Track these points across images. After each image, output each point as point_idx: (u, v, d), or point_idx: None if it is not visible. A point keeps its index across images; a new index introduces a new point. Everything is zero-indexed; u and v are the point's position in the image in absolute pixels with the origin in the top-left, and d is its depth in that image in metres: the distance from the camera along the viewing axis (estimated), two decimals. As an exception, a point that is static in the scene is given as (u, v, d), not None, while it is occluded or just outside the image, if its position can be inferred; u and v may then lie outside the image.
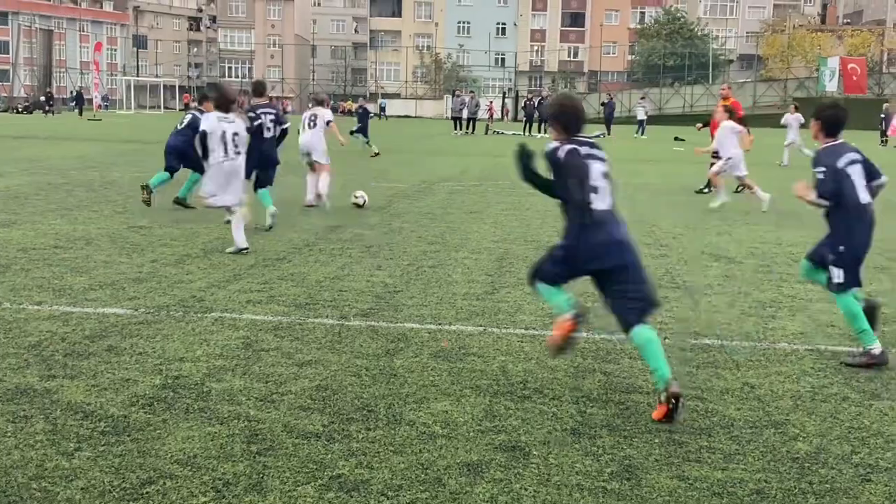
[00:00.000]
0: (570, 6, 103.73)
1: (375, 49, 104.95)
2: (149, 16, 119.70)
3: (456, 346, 5.65)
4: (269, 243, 9.42)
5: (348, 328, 6.04)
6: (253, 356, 5.32)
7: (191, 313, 6.31)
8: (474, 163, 22.76)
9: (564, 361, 5.39)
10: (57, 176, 16.18)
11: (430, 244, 9.69)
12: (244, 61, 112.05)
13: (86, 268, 7.81)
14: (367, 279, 7.71)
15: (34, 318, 6.02)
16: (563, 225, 4.78)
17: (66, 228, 10.03)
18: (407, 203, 13.55)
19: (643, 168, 22.77)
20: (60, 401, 4.43)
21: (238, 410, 4.38)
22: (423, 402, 4.60)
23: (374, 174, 18.50)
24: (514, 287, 7.52)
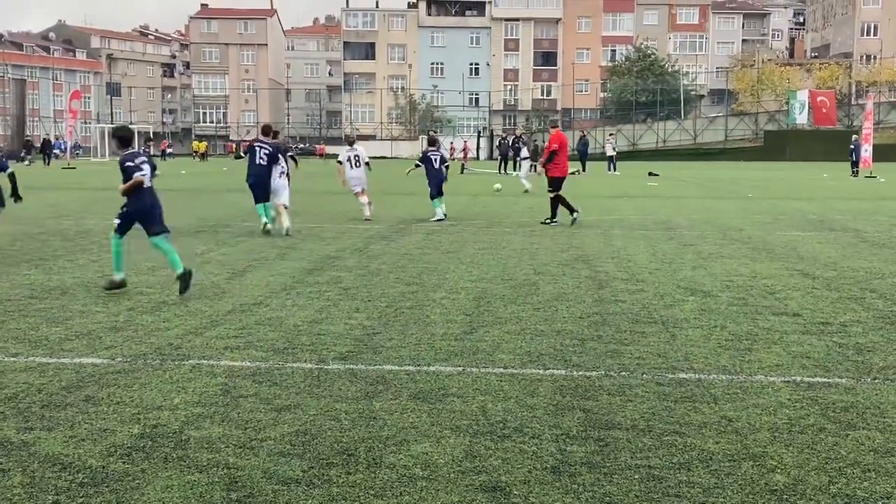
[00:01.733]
0: (542, 46, 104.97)
1: (350, 91, 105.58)
2: (122, 63, 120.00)
3: (435, 387, 5.66)
4: (246, 288, 9.41)
5: (327, 372, 6.04)
6: (231, 403, 5.31)
7: (168, 361, 6.28)
8: (450, 202, 22.83)
9: (544, 399, 5.41)
10: (32, 226, 16.11)
11: (408, 285, 9.71)
12: (219, 106, 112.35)
13: (62, 318, 7.77)
14: (346, 322, 7.71)
15: (10, 370, 5.98)
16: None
17: (41, 279, 9.98)
18: (384, 244, 13.59)
19: (618, 204, 22.97)
20: (38, 453, 4.39)
21: (217, 458, 4.36)
22: (403, 444, 4.60)
23: (352, 215, 18.54)
24: (493, 326, 7.55)
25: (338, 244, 13.53)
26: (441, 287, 9.59)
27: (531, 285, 9.72)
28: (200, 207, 20.91)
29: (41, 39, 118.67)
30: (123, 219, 9.37)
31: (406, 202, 23.02)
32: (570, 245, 13.55)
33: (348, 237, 14.54)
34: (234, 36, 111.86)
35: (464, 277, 10.29)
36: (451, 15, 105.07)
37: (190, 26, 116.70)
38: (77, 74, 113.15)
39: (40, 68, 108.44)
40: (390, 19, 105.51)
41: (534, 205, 22.32)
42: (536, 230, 15.81)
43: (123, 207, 9.33)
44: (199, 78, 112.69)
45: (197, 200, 23.48)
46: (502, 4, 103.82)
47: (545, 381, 5.83)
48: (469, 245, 13.51)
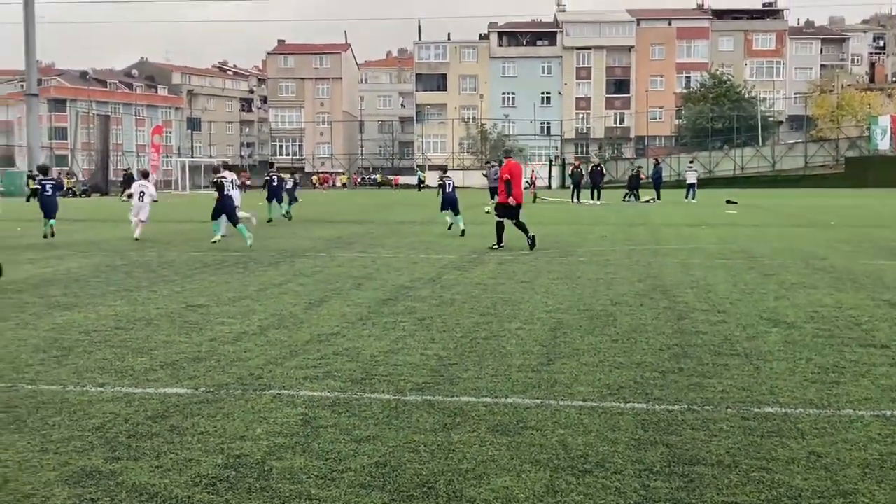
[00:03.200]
0: (615, 73, 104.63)
1: (422, 122, 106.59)
2: (202, 98, 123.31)
3: (513, 420, 5.63)
4: (323, 318, 9.51)
5: (404, 403, 6.05)
6: (312, 433, 5.35)
7: (249, 391, 6.37)
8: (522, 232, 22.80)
9: (625, 433, 5.33)
10: (116, 257, 16.57)
11: (483, 315, 9.70)
12: (294, 139, 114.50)
13: (146, 348, 7.95)
14: (422, 352, 7.73)
15: (97, 400, 6.13)
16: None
17: (126, 309, 10.24)
18: (457, 274, 13.61)
19: (696, 232, 22.64)
20: (125, 482, 4.48)
21: (299, 489, 4.39)
22: (482, 477, 4.57)
23: (423, 246, 18.65)
24: (570, 358, 7.48)
25: (411, 274, 13.60)
26: (516, 317, 9.55)
27: (608, 316, 9.62)
28: (277, 238, 21.27)
29: (124, 76, 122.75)
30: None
31: (476, 232, 23.03)
32: (647, 275, 13.39)
33: (421, 267, 14.61)
34: (310, 70, 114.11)
35: (539, 308, 10.23)
36: (522, 45, 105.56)
37: (267, 62, 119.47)
38: (159, 110, 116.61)
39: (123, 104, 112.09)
40: (462, 51, 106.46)
41: (608, 233, 22.15)
42: (611, 259, 15.66)
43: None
44: (276, 112, 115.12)
45: (274, 231, 23.88)
46: (574, 34, 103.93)
47: (626, 415, 5.74)
48: (543, 275, 13.45)
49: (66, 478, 4.56)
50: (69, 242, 20.23)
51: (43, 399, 6.15)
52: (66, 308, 10.34)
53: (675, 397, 6.19)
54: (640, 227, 25.15)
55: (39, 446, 5.09)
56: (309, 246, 18.98)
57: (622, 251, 17.41)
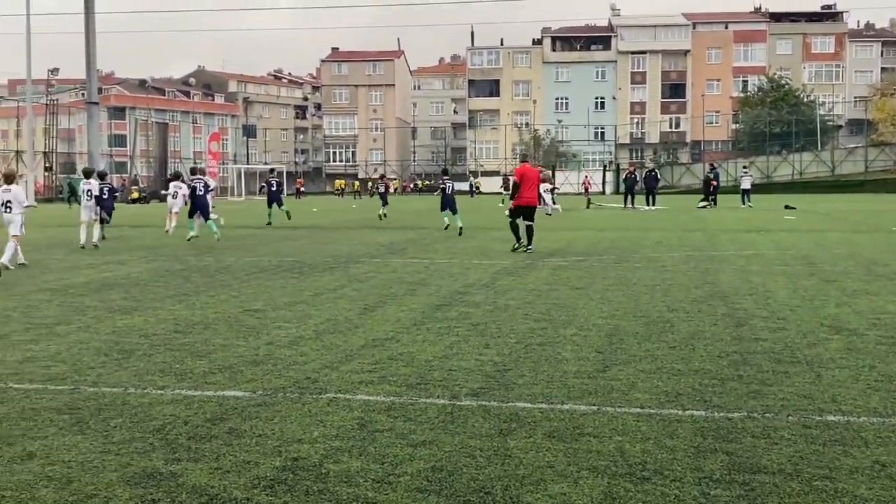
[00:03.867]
0: (670, 78, 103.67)
1: (474, 128, 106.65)
2: (258, 106, 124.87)
3: (570, 426, 5.58)
4: (378, 323, 9.55)
5: (460, 408, 6.04)
6: (368, 437, 5.37)
7: (306, 394, 6.42)
8: (577, 237, 22.72)
9: (684, 441, 5.26)
10: (174, 262, 16.84)
11: (537, 321, 9.65)
12: (348, 145, 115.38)
13: (205, 351, 8.06)
14: (476, 358, 7.71)
15: (158, 402, 6.22)
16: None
17: (184, 313, 10.39)
18: (511, 280, 13.57)
19: (754, 238, 22.30)
20: (185, 484, 4.54)
21: (356, 492, 4.41)
22: (539, 483, 4.54)
23: (477, 251, 18.64)
24: (626, 364, 7.40)
25: (465, 280, 13.59)
26: (571, 323, 9.49)
27: (665, 322, 9.51)
28: (332, 243, 21.43)
29: (182, 84, 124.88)
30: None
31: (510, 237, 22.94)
32: (704, 281, 13.21)
33: (475, 273, 14.60)
34: (363, 77, 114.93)
35: (594, 314, 10.15)
36: (576, 50, 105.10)
37: (321, 69, 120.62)
38: (215, 117, 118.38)
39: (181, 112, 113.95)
40: (515, 56, 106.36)
41: (663, 239, 21.92)
42: (668, 265, 15.49)
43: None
44: (330, 118, 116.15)
45: (329, 236, 24.07)
46: (628, 38, 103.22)
47: (685, 423, 5.67)
48: (598, 281, 13.35)
49: (128, 479, 4.63)
50: (129, 248, 20.61)
51: (105, 401, 6.27)
52: (126, 312, 10.53)
53: (735, 405, 6.09)
54: (697, 232, 24.85)
55: (101, 447, 5.18)
56: (363, 251, 19.09)
57: (679, 257, 17.21)
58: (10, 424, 5.66)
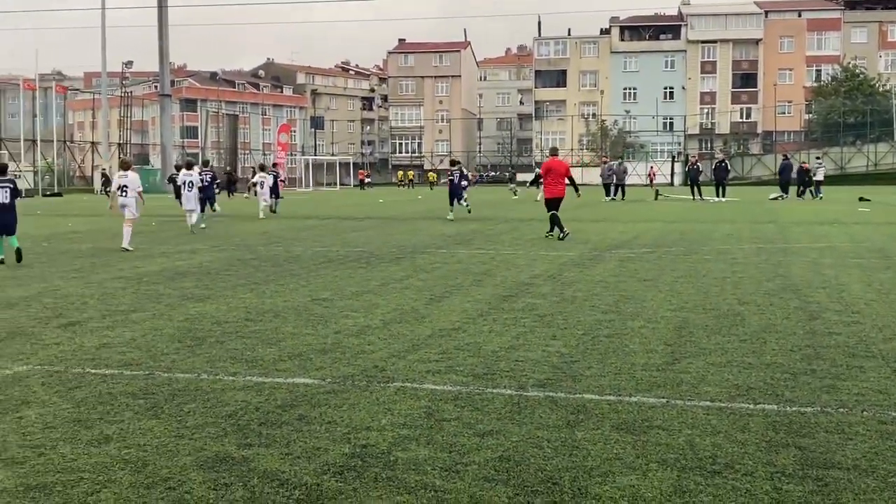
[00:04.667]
0: (741, 67, 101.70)
1: (541, 119, 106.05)
2: (325, 98, 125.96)
3: (638, 419, 5.54)
4: (444, 313, 9.58)
5: (527, 399, 6.03)
6: (435, 426, 5.40)
7: (374, 383, 6.48)
8: (645, 229, 22.47)
9: (755, 435, 5.18)
10: (245, 252, 17.12)
11: (605, 313, 9.58)
12: (414, 137, 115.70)
13: (275, 339, 8.19)
14: (543, 349, 7.69)
15: (230, 389, 6.34)
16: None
17: (255, 302, 10.56)
18: (578, 271, 13.49)
19: (827, 230, 21.79)
20: (257, 469, 4.62)
21: (424, 480, 4.44)
22: (608, 475, 4.52)
23: (543, 243, 18.57)
24: (696, 357, 7.31)
25: (531, 271, 13.55)
26: (639, 316, 9.40)
27: (735, 315, 9.36)
28: (398, 234, 21.55)
29: (251, 77, 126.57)
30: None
31: (597, 229, 22.79)
32: (775, 273, 12.96)
33: (541, 264, 14.55)
34: (430, 68, 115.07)
35: (663, 306, 10.04)
36: (645, 39, 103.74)
37: (388, 60, 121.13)
38: (284, 109, 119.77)
39: (251, 104, 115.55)
40: (582, 46, 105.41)
41: (733, 231, 21.55)
42: (738, 258, 15.23)
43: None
44: (396, 110, 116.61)
45: (395, 227, 24.21)
46: (698, 27, 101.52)
47: (756, 416, 5.58)
48: (667, 273, 13.19)
49: (201, 463, 4.73)
50: (201, 237, 21.01)
51: (178, 386, 6.41)
52: (198, 300, 10.74)
53: (808, 399, 5.97)
54: (768, 224, 24.37)
55: (175, 432, 5.30)
56: (429, 242, 19.16)
57: (750, 249, 16.91)
58: (87, 408, 5.83)
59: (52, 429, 5.36)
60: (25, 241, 19.77)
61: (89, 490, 4.32)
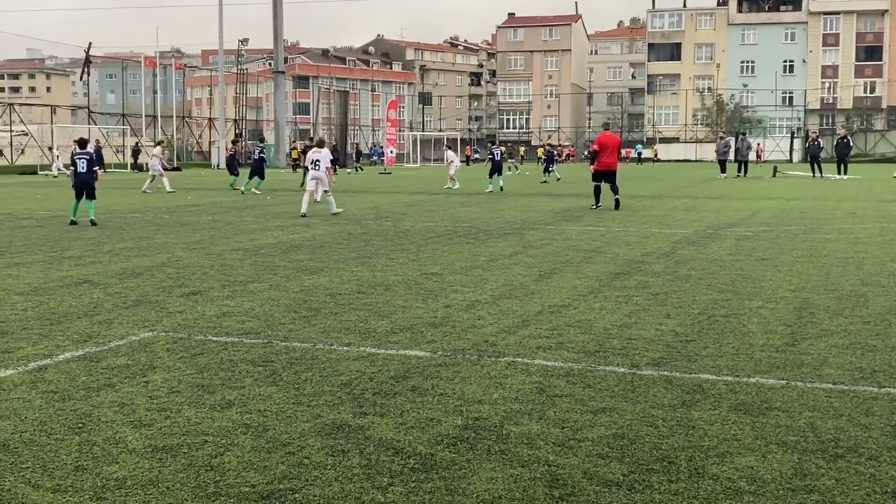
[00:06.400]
0: (866, 40, 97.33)
1: (653, 94, 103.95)
2: (433, 73, 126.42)
3: (757, 400, 5.40)
4: (554, 290, 9.53)
5: (640, 377, 5.96)
6: (547, 401, 5.39)
7: (485, 357, 6.51)
8: (763, 207, 21.83)
9: (880, 419, 4.99)
10: (356, 226, 17.39)
11: (721, 292, 9.36)
12: (522, 112, 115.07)
13: (386, 312, 8.30)
14: (656, 328, 7.58)
15: (344, 359, 6.47)
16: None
17: (366, 275, 10.73)
18: (692, 249, 13.21)
19: (956, 210, 20.73)
20: (372, 437, 4.71)
21: (537, 454, 4.44)
22: (725, 456, 4.43)
23: (654, 220, 18.25)
24: (818, 339, 7.08)
25: (643, 249, 13.35)
26: (757, 296, 9.15)
27: (859, 297, 9.01)
28: (505, 210, 21.52)
29: (362, 53, 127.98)
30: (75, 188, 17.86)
31: (713, 206, 22.24)
32: (901, 254, 12.42)
33: (654, 241, 14.31)
34: (539, 43, 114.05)
35: (782, 286, 9.74)
36: (764, 11, 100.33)
37: (497, 35, 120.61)
38: (392, 85, 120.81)
39: (360, 80, 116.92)
40: (698, 18, 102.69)
41: (856, 209, 20.72)
42: (861, 237, 14.65)
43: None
44: (505, 85, 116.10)
45: (501, 203, 24.18)
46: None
47: (880, 400, 5.37)
48: (786, 252, 12.79)
49: (319, 429, 4.84)
50: (312, 212, 21.44)
51: (295, 355, 6.57)
52: (312, 272, 10.98)
53: (938, 385, 5.72)
54: (893, 203, 23.35)
55: (294, 399, 5.44)
56: (537, 218, 19.07)
57: (873, 229, 16.25)
58: (210, 374, 6.04)
59: (176, 393, 5.58)
60: (148, 213, 20.57)
61: (213, 452, 4.48)
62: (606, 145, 21.39)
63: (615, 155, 21.61)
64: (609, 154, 21.38)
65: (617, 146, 21.81)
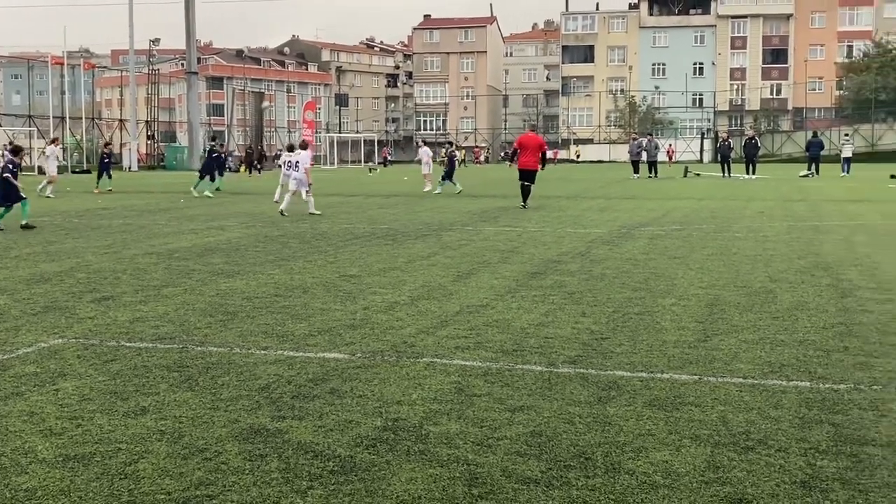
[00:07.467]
0: (772, 43, 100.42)
1: (568, 95, 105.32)
2: (350, 75, 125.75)
3: (671, 395, 5.53)
4: (472, 290, 9.59)
5: (557, 375, 6.04)
6: (466, 401, 5.42)
7: (404, 358, 6.51)
8: (675, 207, 22.33)
9: (789, 412, 5.16)
10: (272, 228, 17.20)
11: (635, 291, 9.55)
12: (439, 114, 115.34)
13: (304, 314, 8.23)
14: (573, 326, 7.69)
15: (262, 362, 6.40)
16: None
17: (284, 278, 10.62)
18: (607, 249, 13.44)
19: (858, 208, 21.56)
20: (291, 440, 4.67)
21: (457, 454, 4.46)
22: (641, 451, 4.52)
23: (570, 220, 18.51)
24: (728, 334, 7.28)
25: (559, 248, 13.52)
26: (670, 293, 9.36)
27: (767, 293, 9.30)
28: (423, 211, 21.55)
29: (277, 54, 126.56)
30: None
31: (627, 206, 22.67)
32: (807, 251, 12.86)
33: (569, 241, 14.51)
34: (455, 45, 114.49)
35: (694, 284, 9.99)
36: (674, 14, 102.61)
37: (413, 37, 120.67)
38: (309, 87, 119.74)
39: (276, 81, 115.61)
40: (610, 21, 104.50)
41: (766, 209, 21.37)
42: (769, 236, 15.11)
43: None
44: (421, 87, 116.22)
45: (420, 205, 24.21)
46: (728, 2, 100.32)
47: (789, 393, 5.55)
48: (697, 250, 13.11)
49: (236, 434, 4.78)
50: (228, 214, 21.13)
51: (212, 360, 6.47)
52: (228, 276, 10.82)
53: (841, 376, 5.94)
54: (799, 202, 24.16)
55: (210, 404, 5.36)
56: (455, 219, 19.15)
57: (781, 227, 16.78)
58: (123, 381, 5.90)
59: (88, 401, 5.44)
60: (57, 217, 19.98)
61: (127, 460, 4.38)
62: (525, 145, 22.07)
63: (533, 155, 22.03)
64: (527, 154, 21.95)
65: (536, 146, 22.18)
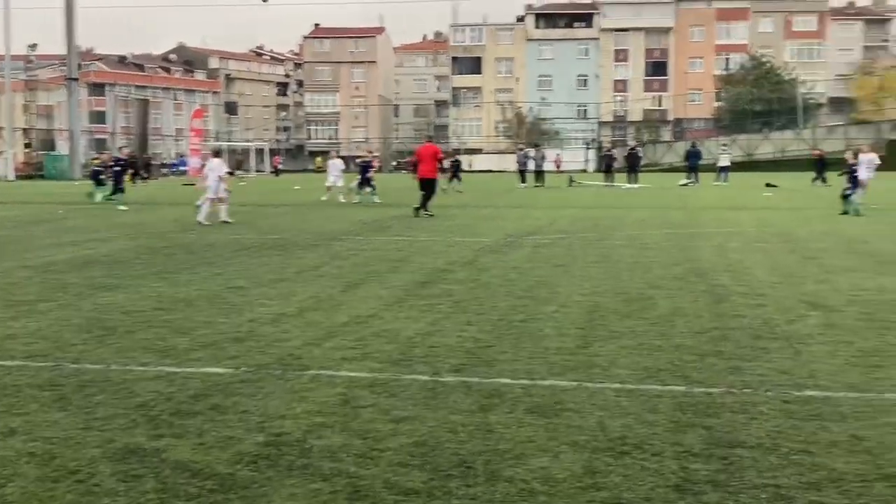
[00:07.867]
0: (653, 55, 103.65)
1: (458, 106, 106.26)
2: (239, 83, 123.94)
3: (551, 402, 5.63)
4: (360, 300, 9.56)
5: (442, 384, 6.08)
6: (351, 413, 5.40)
7: (289, 371, 6.44)
8: (560, 215, 22.78)
9: (664, 416, 5.32)
10: (157, 240, 16.77)
11: (519, 298, 9.69)
12: (330, 122, 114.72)
13: (187, 328, 8.05)
14: (458, 334, 7.75)
15: (141, 379, 6.22)
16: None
17: (167, 291, 10.36)
18: (493, 258, 13.61)
19: (734, 215, 22.43)
20: (168, 459, 4.56)
21: (339, 467, 4.44)
22: (521, 458, 4.59)
23: (459, 230, 18.67)
24: (607, 340, 7.46)
25: (447, 257, 13.62)
26: (552, 301, 9.54)
27: (646, 299, 9.57)
28: (314, 221, 21.39)
29: (163, 61, 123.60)
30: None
31: (514, 215, 23.01)
32: (684, 258, 13.30)
33: (457, 250, 14.63)
34: (346, 54, 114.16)
35: (575, 291, 10.20)
36: (560, 27, 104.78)
37: (303, 46, 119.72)
38: (196, 94, 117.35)
39: (162, 89, 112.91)
40: (498, 34, 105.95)
41: (646, 217, 22.00)
42: (649, 243, 15.57)
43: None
44: (312, 96, 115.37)
45: (311, 214, 24.02)
46: (611, 15, 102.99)
47: (664, 398, 5.73)
48: (579, 258, 13.40)
49: (111, 454, 4.64)
50: (112, 225, 20.50)
51: (87, 378, 6.26)
52: (108, 289, 10.49)
53: (714, 380, 6.16)
54: (678, 210, 24.97)
55: (84, 423, 5.18)
56: (346, 229, 19.07)
57: (660, 235, 17.31)
58: (-9, 401, 5.65)
59: (-48, 424, 5.19)
60: (-77, 230, 18.99)
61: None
62: (422, 156, 23.09)
63: (430, 164, 22.85)
64: (425, 163, 22.84)
65: (432, 156, 23.06)
